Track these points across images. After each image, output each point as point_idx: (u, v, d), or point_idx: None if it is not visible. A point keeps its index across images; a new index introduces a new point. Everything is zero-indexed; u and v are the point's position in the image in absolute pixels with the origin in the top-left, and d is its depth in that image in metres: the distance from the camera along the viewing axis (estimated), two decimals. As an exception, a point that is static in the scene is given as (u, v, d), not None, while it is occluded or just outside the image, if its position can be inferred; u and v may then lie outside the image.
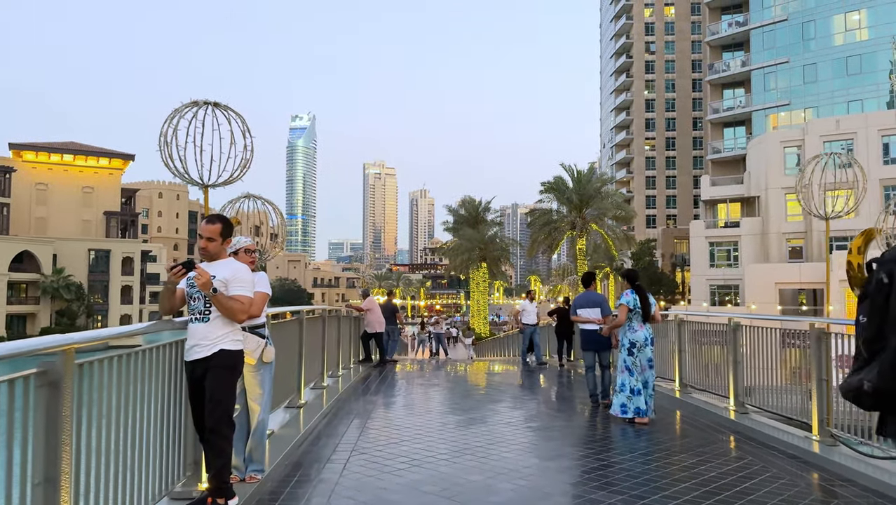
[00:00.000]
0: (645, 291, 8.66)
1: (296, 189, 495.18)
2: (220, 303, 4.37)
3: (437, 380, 13.69)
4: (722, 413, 8.63)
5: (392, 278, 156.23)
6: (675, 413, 9.36)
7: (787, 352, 8.30)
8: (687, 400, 9.89)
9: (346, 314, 13.90)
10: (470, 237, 58.90)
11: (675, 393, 10.43)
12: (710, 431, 7.85)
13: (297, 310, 8.58)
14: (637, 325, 8.37)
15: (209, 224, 4.62)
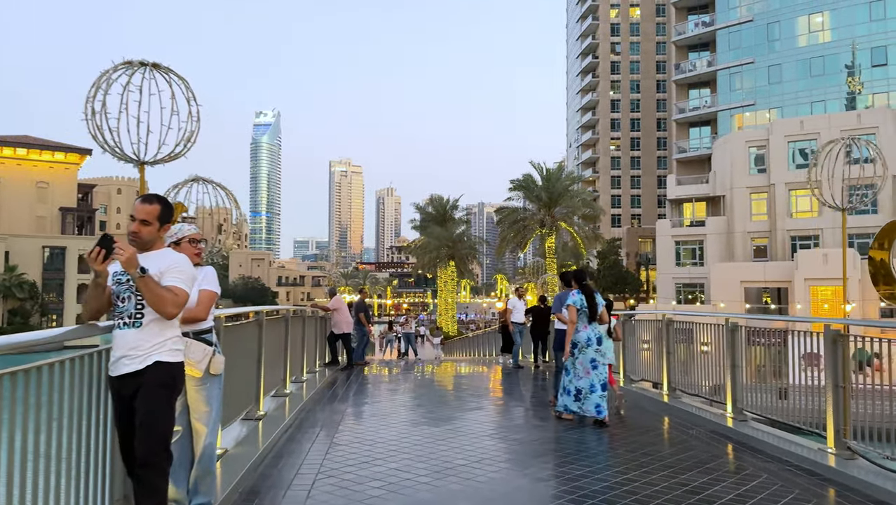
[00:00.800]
0: (593, 290, 8.44)
1: (260, 186, 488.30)
2: (147, 288, 3.43)
3: (409, 384, 12.90)
4: (719, 420, 8.04)
5: (359, 277, 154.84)
6: (664, 419, 8.74)
7: (774, 353, 7.79)
8: (677, 405, 9.29)
9: (311, 314, 13.00)
10: (438, 235, 58.14)
11: (664, 397, 9.83)
12: (708, 442, 7.22)
13: (256, 310, 7.69)
14: (581, 325, 8.22)
15: (145, 203, 3.71)
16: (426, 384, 12.61)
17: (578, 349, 8.17)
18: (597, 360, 8.18)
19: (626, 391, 11.06)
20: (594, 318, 8.25)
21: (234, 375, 6.66)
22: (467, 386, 12.60)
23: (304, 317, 11.44)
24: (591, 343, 8.18)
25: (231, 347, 6.43)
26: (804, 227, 51.21)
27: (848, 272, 44.23)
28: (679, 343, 9.99)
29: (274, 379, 9.10)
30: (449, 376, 14.64)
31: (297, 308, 11.13)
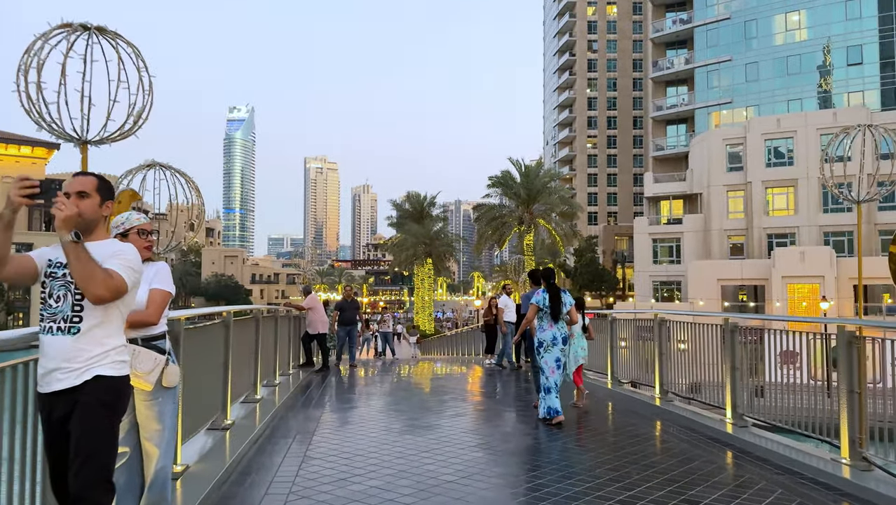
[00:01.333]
0: (559, 290, 8.33)
1: (234, 183, 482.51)
2: (77, 258, 2.79)
3: (388, 386, 12.31)
4: (718, 426, 7.60)
5: (334, 274, 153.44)
6: (657, 424, 8.26)
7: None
8: (670, 409, 8.83)
9: (284, 314, 12.34)
10: (415, 232, 57.49)
11: (656, 401, 9.37)
12: (708, 449, 6.75)
13: (222, 311, 7.04)
14: (546, 324, 8.19)
15: (79, 176, 3.08)
16: (406, 387, 12.03)
17: (544, 348, 8.13)
18: (560, 359, 8.12)
19: (614, 394, 10.61)
20: (557, 317, 8.16)
21: (199, 381, 6.06)
22: (450, 389, 12.04)
23: (277, 316, 10.78)
24: (557, 342, 8.12)
25: (195, 352, 5.85)
26: (780, 225, 51.46)
27: (823, 270, 44.81)
28: (677, 346, 9.53)
29: (243, 384, 8.46)
30: (430, 378, 14.07)
31: (269, 307, 10.47)
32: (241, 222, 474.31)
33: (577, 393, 9.41)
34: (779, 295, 44.73)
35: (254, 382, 8.94)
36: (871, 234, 48.49)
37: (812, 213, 50.12)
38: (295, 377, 12.31)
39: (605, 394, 10.81)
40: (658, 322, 9.63)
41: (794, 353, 6.70)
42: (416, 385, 12.42)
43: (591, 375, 11.74)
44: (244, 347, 8.30)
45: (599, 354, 11.77)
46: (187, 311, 5.91)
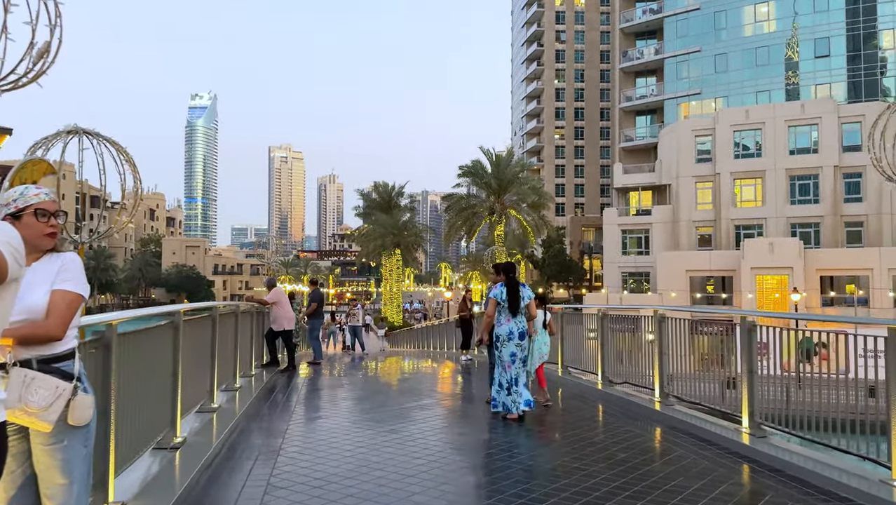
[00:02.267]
0: (518, 284, 8.25)
1: (195, 171, 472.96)
2: None
3: (360, 389, 11.34)
4: (732, 436, 6.81)
5: (300, 265, 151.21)
6: (655, 430, 7.53)
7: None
8: (673, 414, 8.04)
9: (246, 309, 11.24)
10: (383, 222, 56.36)
11: (656, 405, 8.58)
12: (722, 463, 5.95)
13: (171, 311, 5.97)
14: (504, 318, 8.11)
15: None
16: (381, 389, 11.05)
17: (501, 342, 8.05)
18: (516, 354, 8.04)
19: (606, 395, 9.83)
20: (515, 311, 8.07)
21: (141, 395, 5.06)
22: (428, 391, 11.12)
23: (238, 313, 9.70)
24: (513, 337, 8.03)
25: (135, 361, 4.84)
26: (748, 216, 51.64)
27: (792, 262, 44.97)
28: (680, 345, 8.76)
29: (198, 391, 7.41)
30: (404, 378, 13.14)
31: (227, 304, 9.39)
32: (203, 212, 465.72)
33: (539, 393, 9.14)
34: (748, 286, 44.80)
35: (210, 389, 7.88)
36: (838, 225, 48.91)
37: (779, 204, 50.34)
38: (258, 379, 11.25)
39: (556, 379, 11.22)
40: (657, 319, 8.92)
41: (765, 344, 6.76)
42: (391, 387, 11.47)
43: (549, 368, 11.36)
44: (198, 351, 7.25)
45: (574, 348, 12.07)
46: (124, 312, 4.85)
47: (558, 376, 11.45)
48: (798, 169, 49.82)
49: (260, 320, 13.27)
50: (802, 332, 6.51)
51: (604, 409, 9.11)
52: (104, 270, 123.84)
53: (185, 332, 6.25)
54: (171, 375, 5.95)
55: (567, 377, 11.56)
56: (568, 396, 10.21)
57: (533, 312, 8.38)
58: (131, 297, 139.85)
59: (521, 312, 8.15)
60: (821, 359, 6.14)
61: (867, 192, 48.24)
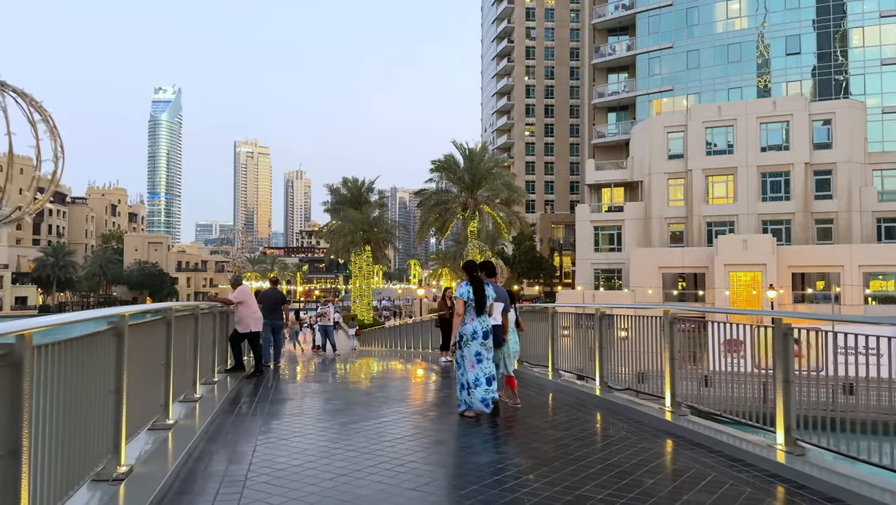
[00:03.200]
0: (483, 282, 8.15)
1: (159, 166, 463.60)
2: None
3: (334, 397, 10.32)
4: (766, 454, 6.01)
5: (266, 262, 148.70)
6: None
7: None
8: (685, 425, 7.20)
9: (208, 310, 10.14)
10: (353, 218, 55.17)
11: (666, 415, 7.75)
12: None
13: (112, 315, 4.86)
14: (468, 317, 8.03)
15: None
16: (359, 399, 10.03)
17: (464, 342, 7.97)
18: (482, 353, 7.95)
19: (604, 401, 8.98)
20: (481, 310, 8.02)
21: (71, 421, 4.08)
22: (409, 399, 10.15)
23: (198, 314, 8.62)
24: (477, 336, 7.95)
25: (62, 380, 3.89)
26: (720, 213, 51.61)
27: (765, 258, 44.98)
28: (693, 349, 7.96)
29: (150, 406, 6.38)
30: (383, 383, 12.14)
31: (184, 305, 8.30)
32: (166, 208, 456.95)
33: (506, 393, 9.04)
34: (721, 283, 44.66)
35: (165, 403, 6.82)
36: (808, 222, 49.11)
37: (751, 201, 50.39)
38: (222, 386, 10.16)
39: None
40: (669, 320, 8.08)
41: (739, 341, 6.73)
42: (370, 396, 10.46)
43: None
44: (150, 360, 6.23)
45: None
46: (50, 317, 3.77)
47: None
48: (769, 166, 49.90)
49: (223, 321, 12.16)
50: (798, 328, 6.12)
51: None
52: (63, 267, 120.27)
53: (133, 339, 5.23)
54: (113, 394, 4.92)
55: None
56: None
57: (491, 310, 8.24)
58: (92, 294, 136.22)
59: (486, 310, 8.08)
60: (797, 356, 6.03)
61: (837, 189, 48.50)
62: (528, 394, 9.74)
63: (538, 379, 11.29)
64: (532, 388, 10.51)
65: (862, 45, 53.07)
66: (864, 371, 5.26)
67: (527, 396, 9.43)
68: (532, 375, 11.73)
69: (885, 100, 52.21)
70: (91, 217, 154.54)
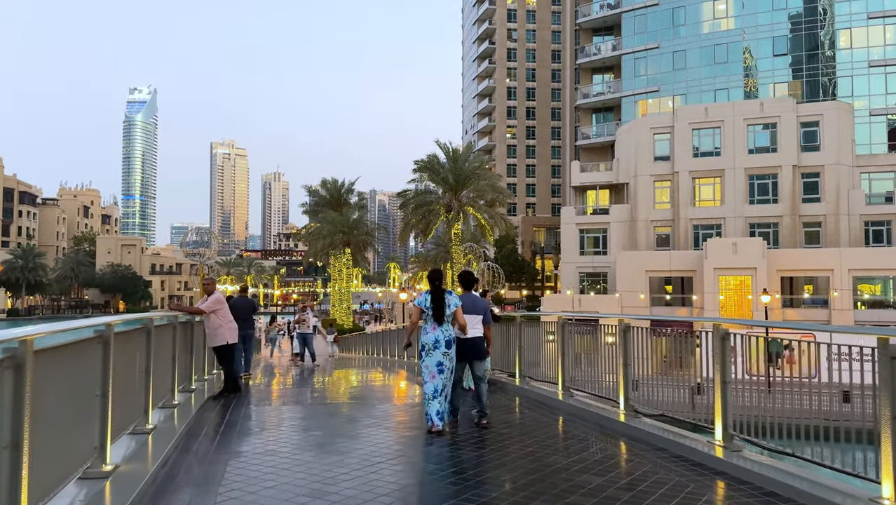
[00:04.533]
0: (443, 291, 7.96)
1: (134, 168, 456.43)
2: None
3: (316, 421, 8.84)
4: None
5: (243, 265, 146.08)
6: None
7: None
8: (526, 387, 5.96)
9: (166, 323, 8.61)
10: (333, 220, 53.56)
11: (717, 451, 6.38)
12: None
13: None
14: (430, 326, 7.85)
15: None
16: (347, 431, 8.52)
17: (426, 352, 7.81)
18: (443, 363, 7.75)
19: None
20: (440, 319, 7.79)
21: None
22: (403, 421, 8.73)
23: (151, 328, 7.10)
24: (439, 346, 7.77)
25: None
26: (707, 215, 50.82)
27: (756, 262, 44.14)
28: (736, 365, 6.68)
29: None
30: (371, 402, 10.68)
31: (132, 317, 6.82)
32: (141, 209, 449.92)
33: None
34: (710, 287, 43.75)
35: (101, 444, 5.29)
36: (795, 225, 48.46)
37: (738, 204, 49.65)
38: (184, 411, 8.62)
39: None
40: (720, 336, 6.77)
41: (731, 348, 6.58)
42: (356, 422, 9.00)
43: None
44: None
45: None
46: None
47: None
48: (757, 168, 49.19)
49: (190, 335, 10.56)
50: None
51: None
52: (32, 270, 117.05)
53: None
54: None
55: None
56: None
57: (461, 320, 7.93)
58: (63, 298, 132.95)
59: (448, 319, 7.82)
60: (784, 362, 6.14)
61: (825, 192, 47.91)
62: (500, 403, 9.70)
63: (505, 384, 11.64)
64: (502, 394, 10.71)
65: (849, 46, 52.67)
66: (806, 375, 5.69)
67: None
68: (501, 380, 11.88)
69: (872, 102, 51.83)
70: (63, 219, 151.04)
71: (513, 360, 11.70)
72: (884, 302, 44.24)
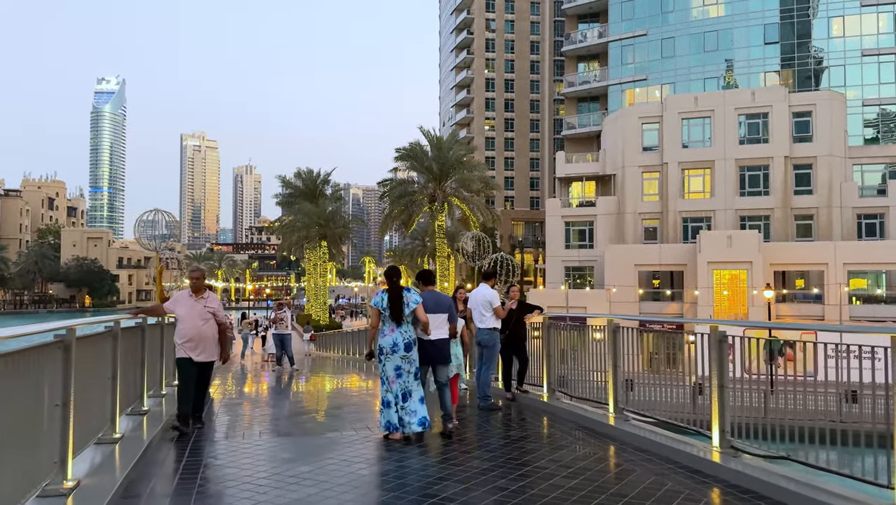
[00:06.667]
0: (401, 289, 7.34)
1: (101, 160, 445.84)
2: None
3: (306, 464, 6.69)
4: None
5: (213, 259, 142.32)
6: None
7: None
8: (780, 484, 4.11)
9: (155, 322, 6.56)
10: (308, 212, 51.11)
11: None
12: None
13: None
14: (388, 328, 7.31)
15: None
16: (338, 481, 6.39)
17: (384, 356, 7.30)
18: (402, 367, 7.27)
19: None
20: (399, 320, 7.26)
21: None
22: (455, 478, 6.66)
23: (144, 327, 5.36)
24: (398, 349, 7.28)
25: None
26: (696, 208, 49.37)
27: (751, 256, 42.62)
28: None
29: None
30: (359, 420, 8.52)
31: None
32: (109, 202, 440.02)
33: None
34: (704, 281, 42.24)
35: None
36: (787, 218, 47.18)
37: (729, 196, 48.25)
38: (129, 447, 6.39)
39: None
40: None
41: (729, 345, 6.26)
42: (365, 482, 6.87)
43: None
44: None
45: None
46: None
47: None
48: (748, 159, 47.79)
49: (146, 342, 8.34)
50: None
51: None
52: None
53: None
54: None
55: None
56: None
57: (422, 317, 7.35)
58: (26, 292, 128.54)
59: (408, 320, 7.33)
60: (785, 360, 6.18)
61: (817, 184, 46.69)
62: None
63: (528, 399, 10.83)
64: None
65: (842, 34, 51.46)
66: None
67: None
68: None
69: (865, 92, 50.72)
70: (26, 211, 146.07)
71: (538, 370, 10.10)
72: (878, 297, 43.16)
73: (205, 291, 7.81)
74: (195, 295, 7.71)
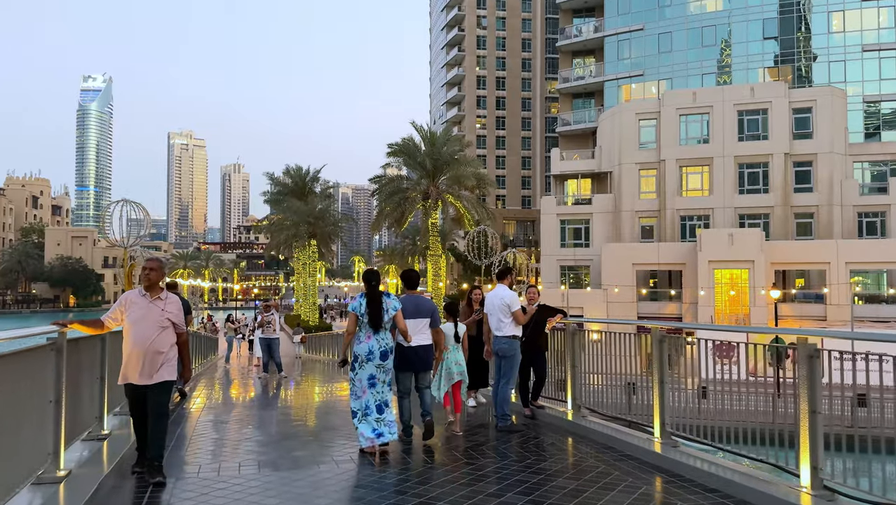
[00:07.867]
0: (380, 293, 6.96)
1: (88, 158, 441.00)
2: None
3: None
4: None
5: (200, 258, 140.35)
6: None
7: None
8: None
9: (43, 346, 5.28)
10: (297, 210, 49.76)
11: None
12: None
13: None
14: (364, 335, 6.90)
15: None
16: None
17: (359, 364, 6.92)
18: (376, 376, 6.89)
19: None
20: (377, 326, 6.86)
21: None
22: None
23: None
24: (374, 357, 6.86)
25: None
26: (695, 206, 48.37)
27: (754, 255, 41.57)
28: None
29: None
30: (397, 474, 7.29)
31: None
32: (95, 201, 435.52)
33: (449, 413, 8.17)
34: (704, 281, 41.22)
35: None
36: (787, 216, 46.26)
37: (727, 194, 47.28)
38: (76, 488, 5.11)
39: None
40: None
41: (730, 346, 6.35)
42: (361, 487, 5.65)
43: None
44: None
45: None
46: None
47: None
48: (747, 156, 46.82)
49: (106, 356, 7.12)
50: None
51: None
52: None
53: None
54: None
55: None
56: None
57: (401, 325, 7.02)
58: (9, 292, 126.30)
59: (386, 326, 6.92)
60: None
61: (818, 182, 45.78)
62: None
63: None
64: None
65: (843, 29, 50.58)
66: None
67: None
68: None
69: (865, 88, 49.86)
70: (9, 209, 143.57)
71: (561, 382, 8.94)
72: (880, 297, 42.31)
73: (162, 291, 5.79)
74: (150, 294, 5.71)
